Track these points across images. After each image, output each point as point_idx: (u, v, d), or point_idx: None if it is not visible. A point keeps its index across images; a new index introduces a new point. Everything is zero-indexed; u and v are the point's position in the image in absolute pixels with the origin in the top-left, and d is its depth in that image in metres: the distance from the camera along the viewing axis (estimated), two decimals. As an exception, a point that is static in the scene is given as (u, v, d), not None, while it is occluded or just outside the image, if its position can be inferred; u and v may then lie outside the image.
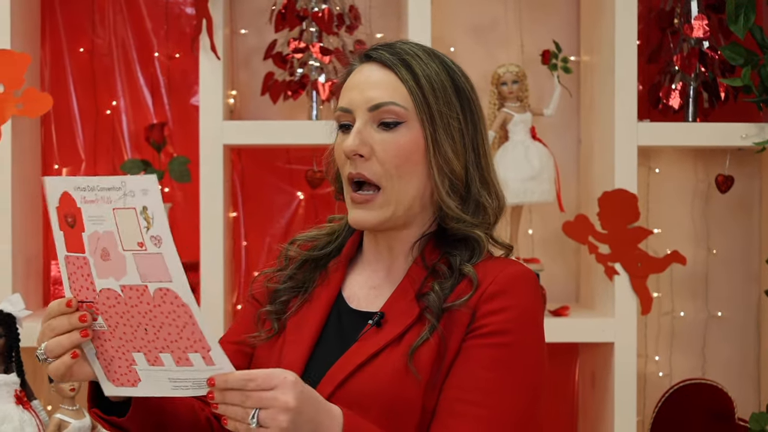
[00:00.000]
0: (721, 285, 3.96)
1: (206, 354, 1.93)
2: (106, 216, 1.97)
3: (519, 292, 2.10)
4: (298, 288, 2.31)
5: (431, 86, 2.16)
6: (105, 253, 1.97)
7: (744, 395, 3.84)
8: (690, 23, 3.65)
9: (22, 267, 3.50)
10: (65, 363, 2.00)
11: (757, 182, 3.94)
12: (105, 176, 2.08)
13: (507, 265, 2.14)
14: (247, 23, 3.87)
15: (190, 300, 1.93)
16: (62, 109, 3.84)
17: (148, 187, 1.94)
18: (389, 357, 2.08)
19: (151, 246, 1.93)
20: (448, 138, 2.15)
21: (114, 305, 1.96)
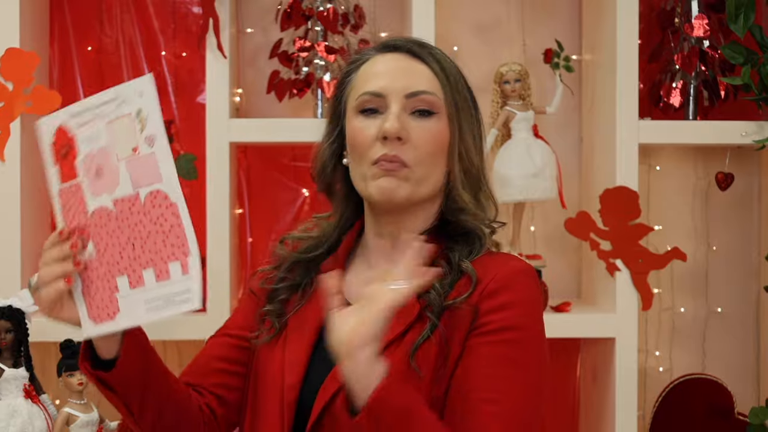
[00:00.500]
0: (720, 281, 3.96)
1: (185, 261, 1.93)
2: (100, 132, 2.01)
3: (521, 287, 2.10)
4: (295, 286, 2.31)
5: (456, 82, 2.20)
6: (99, 170, 1.99)
7: (743, 390, 3.83)
8: (690, 23, 3.64)
9: (30, 263, 3.50)
10: (57, 288, 2.02)
11: (756, 180, 3.93)
12: (99, 93, 2.05)
13: (507, 261, 2.15)
14: (253, 22, 3.87)
15: (178, 198, 1.96)
16: (70, 107, 3.84)
17: (144, 88, 1.96)
18: (391, 356, 2.05)
19: (145, 147, 1.95)
20: (469, 132, 2.20)
21: (105, 224, 1.99)
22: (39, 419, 3.04)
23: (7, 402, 3.03)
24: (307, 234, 2.36)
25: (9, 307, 3.06)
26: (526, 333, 2.07)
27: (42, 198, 3.69)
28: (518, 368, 2.04)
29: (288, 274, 2.33)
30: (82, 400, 3.04)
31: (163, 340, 3.75)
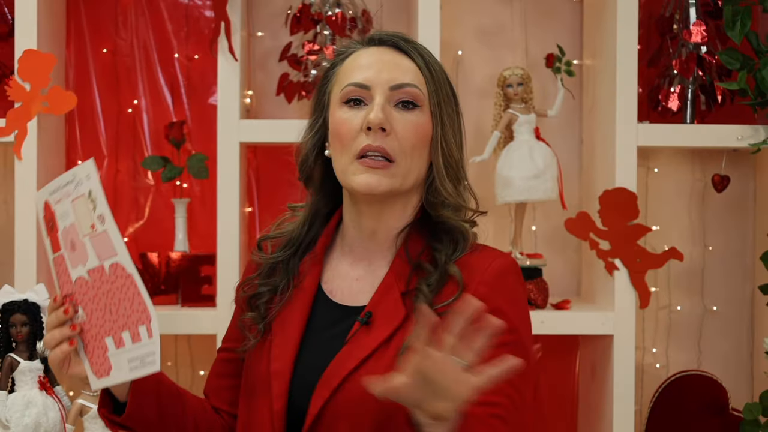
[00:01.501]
0: (716, 280, 3.96)
1: (149, 325, 2.02)
2: (68, 210, 2.12)
3: (509, 289, 2.11)
4: (275, 288, 2.29)
5: (439, 77, 2.20)
6: (72, 245, 2.13)
7: (738, 386, 3.83)
8: (689, 29, 3.64)
9: (45, 259, 3.50)
10: (63, 350, 2.12)
11: (751, 182, 3.93)
12: (64, 173, 2.16)
13: (491, 259, 2.14)
14: (264, 26, 3.87)
15: (132, 270, 2.03)
16: (86, 107, 3.84)
17: (89, 172, 2.07)
18: (380, 360, 2.07)
19: (99, 225, 2.06)
20: (450, 126, 2.19)
21: (86, 292, 2.12)
22: (53, 410, 3.05)
23: (23, 393, 3.03)
24: (281, 232, 2.35)
25: (25, 301, 3.06)
26: (519, 334, 2.07)
27: (58, 195, 3.69)
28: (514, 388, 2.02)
29: (267, 279, 2.31)
30: (95, 392, 3.04)
31: (175, 335, 3.75)
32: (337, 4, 3.63)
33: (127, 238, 3.85)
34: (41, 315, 3.08)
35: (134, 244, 3.84)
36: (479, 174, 3.81)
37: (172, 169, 3.63)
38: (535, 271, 3.56)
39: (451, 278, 2.12)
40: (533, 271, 3.56)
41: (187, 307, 3.52)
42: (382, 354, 2.08)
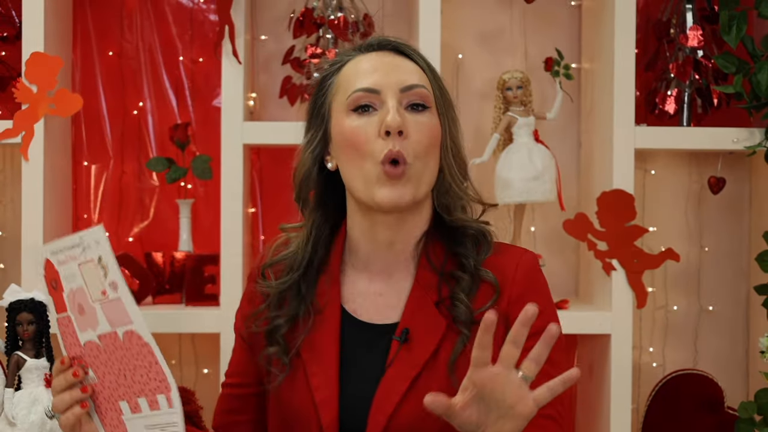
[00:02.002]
0: (712, 281, 3.96)
1: (168, 395, 2.01)
2: (75, 273, 2.08)
3: (539, 285, 2.13)
4: (292, 317, 2.18)
5: (440, 80, 2.18)
6: (81, 309, 2.09)
7: (733, 385, 3.83)
8: (685, 33, 3.64)
9: (52, 258, 3.51)
10: (75, 414, 2.07)
11: (747, 184, 3.93)
12: (68, 235, 2.11)
13: (518, 257, 2.13)
14: (267, 30, 3.87)
15: (149, 339, 2.03)
16: (92, 109, 3.84)
17: (99, 238, 2.03)
18: (431, 377, 2.02)
19: (111, 292, 2.06)
20: (455, 127, 2.17)
21: (97, 356, 2.08)
22: (59, 407, 3.04)
23: (29, 390, 3.03)
24: (283, 256, 2.25)
25: (32, 299, 3.05)
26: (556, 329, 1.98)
27: (63, 196, 3.70)
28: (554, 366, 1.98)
29: (279, 310, 2.20)
30: None
31: (179, 333, 3.75)
32: (339, 8, 3.63)
33: (132, 237, 3.86)
34: (47, 313, 3.07)
35: (139, 244, 3.84)
36: (479, 176, 3.80)
37: (176, 170, 3.63)
38: (534, 272, 3.56)
39: (483, 282, 2.08)
40: (532, 272, 3.56)
41: (191, 306, 3.51)
42: (431, 369, 2.03)
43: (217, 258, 3.51)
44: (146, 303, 3.56)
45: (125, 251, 3.62)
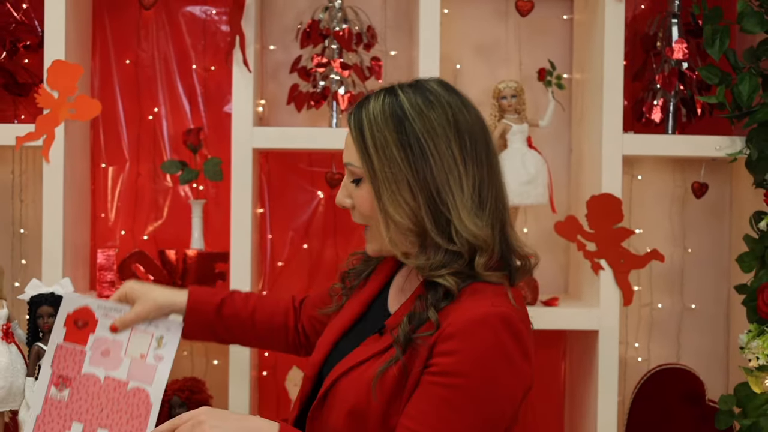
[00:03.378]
0: (695, 280, 3.96)
1: None
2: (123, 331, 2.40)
3: (473, 337, 2.03)
4: (360, 273, 2.45)
5: (375, 148, 2.14)
6: (106, 352, 2.34)
7: (714, 379, 3.83)
8: (671, 46, 3.64)
9: (71, 254, 3.51)
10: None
11: (728, 189, 3.93)
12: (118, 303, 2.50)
13: (474, 308, 2.07)
14: (276, 40, 3.87)
15: (157, 400, 2.24)
16: (109, 114, 3.85)
17: (174, 329, 2.45)
18: (370, 367, 2.13)
19: (152, 360, 2.37)
20: (391, 194, 2.12)
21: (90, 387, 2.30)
22: (77, 395, 3.05)
23: (49, 380, 3.04)
24: None
25: (52, 294, 3.06)
26: (469, 380, 2.01)
27: (82, 195, 3.70)
28: (453, 411, 2.01)
29: (366, 262, 2.47)
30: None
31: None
32: (344, 20, 3.63)
33: (146, 236, 3.86)
34: (67, 307, 3.08)
35: (153, 242, 3.84)
36: (475, 179, 3.82)
37: (189, 172, 3.63)
38: (526, 271, 3.57)
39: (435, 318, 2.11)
40: (524, 270, 3.56)
41: (202, 301, 3.52)
42: (374, 362, 2.14)
43: (227, 255, 3.51)
44: (160, 298, 3.56)
45: (140, 249, 3.62)
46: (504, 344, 2.04)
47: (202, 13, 3.89)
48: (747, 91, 3.44)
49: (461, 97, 2.21)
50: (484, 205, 2.14)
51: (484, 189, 2.15)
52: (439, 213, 2.11)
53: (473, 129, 2.17)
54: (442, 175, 2.11)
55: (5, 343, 3.08)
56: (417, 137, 2.12)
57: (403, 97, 2.17)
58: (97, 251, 3.52)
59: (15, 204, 3.81)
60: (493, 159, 2.19)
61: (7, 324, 3.10)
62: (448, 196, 2.11)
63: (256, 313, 2.69)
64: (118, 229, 3.88)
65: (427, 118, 2.13)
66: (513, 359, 2.06)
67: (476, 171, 2.14)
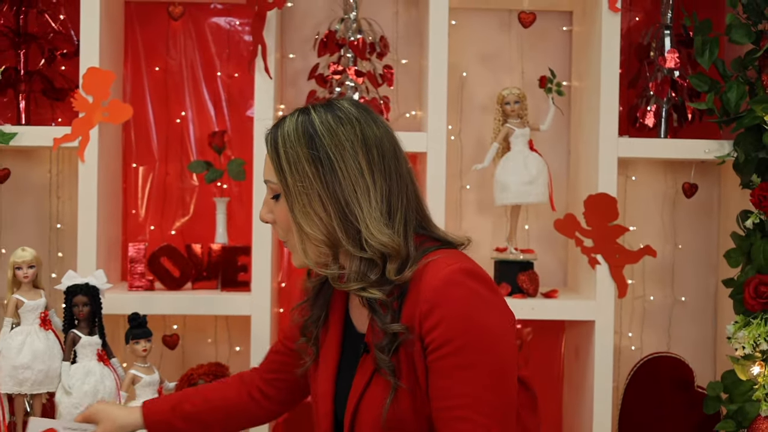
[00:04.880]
0: (685, 274, 3.95)
1: None
2: None
3: (447, 300, 2.04)
4: (318, 315, 2.34)
5: (288, 163, 2.15)
6: None
7: (702, 367, 3.83)
8: (664, 56, 3.64)
9: (104, 248, 3.52)
10: None
11: (717, 189, 3.93)
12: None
13: (434, 277, 2.07)
14: (295, 49, 3.88)
15: None
16: (140, 118, 3.86)
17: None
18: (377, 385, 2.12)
19: None
20: (302, 207, 2.13)
21: None
22: (109, 379, 3.06)
23: (83, 364, 3.05)
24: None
25: (86, 284, 3.07)
26: (464, 338, 2.01)
27: (115, 193, 3.71)
28: (468, 370, 2.01)
29: (314, 302, 2.36)
30: (146, 364, 3.05)
31: (215, 315, 3.77)
32: (358, 31, 3.64)
33: (174, 231, 3.87)
34: (100, 297, 3.09)
35: (180, 236, 3.85)
36: (480, 180, 3.83)
37: (214, 172, 3.64)
38: (528, 265, 3.57)
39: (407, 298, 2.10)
40: (526, 264, 3.57)
41: (225, 292, 3.53)
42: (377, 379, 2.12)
43: (249, 249, 3.52)
44: (186, 288, 3.57)
45: (168, 243, 3.63)
46: (476, 291, 2.05)
47: (226, 23, 3.90)
48: (735, 98, 3.44)
49: (370, 113, 2.21)
50: (394, 215, 2.14)
51: (393, 199, 2.14)
52: (349, 224, 2.11)
53: (381, 142, 2.16)
54: (350, 187, 2.11)
55: (43, 329, 3.10)
56: (326, 152, 2.12)
57: (314, 115, 2.18)
58: (129, 245, 3.53)
59: (52, 201, 3.82)
60: (402, 167, 2.18)
61: (45, 312, 3.11)
62: (356, 207, 2.11)
63: (208, 393, 2.62)
64: (147, 225, 3.89)
65: (335, 135, 2.14)
66: (488, 300, 2.07)
67: (384, 182, 2.13)
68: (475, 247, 2.16)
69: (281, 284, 3.86)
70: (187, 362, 3.83)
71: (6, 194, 3.80)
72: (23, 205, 3.82)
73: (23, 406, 3.13)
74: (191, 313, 3.53)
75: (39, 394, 3.11)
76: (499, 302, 2.10)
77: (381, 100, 3.63)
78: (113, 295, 3.36)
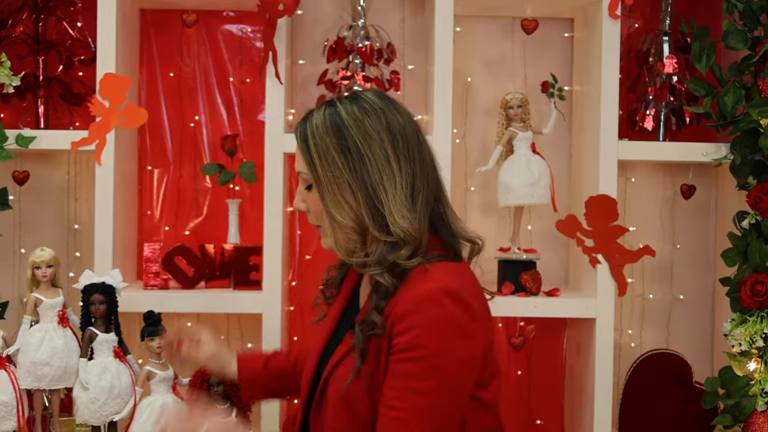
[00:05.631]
0: (683, 273, 3.95)
1: None
2: None
3: (423, 313, 2.06)
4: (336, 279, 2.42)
5: (318, 155, 2.18)
6: None
7: (700, 363, 3.82)
8: (662, 61, 3.64)
9: (120, 248, 3.53)
10: None
11: (714, 191, 3.92)
12: None
13: (420, 287, 2.10)
14: (305, 55, 3.87)
15: None
16: (155, 122, 3.86)
17: None
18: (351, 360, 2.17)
19: None
20: (333, 196, 2.17)
21: None
22: (125, 375, 3.06)
23: (100, 360, 3.05)
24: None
25: (103, 283, 3.08)
26: (425, 351, 2.04)
27: (130, 195, 3.72)
28: (419, 380, 2.04)
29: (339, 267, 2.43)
30: (160, 360, 3.05)
31: (227, 313, 3.76)
32: (366, 38, 3.64)
33: (188, 231, 3.87)
34: (116, 295, 3.09)
35: (194, 237, 3.85)
36: (484, 181, 3.82)
37: (226, 174, 3.64)
38: (531, 264, 3.57)
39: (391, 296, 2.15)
40: (529, 264, 3.56)
41: (237, 290, 3.53)
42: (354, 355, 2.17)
43: (261, 249, 3.52)
44: (200, 287, 3.57)
45: (182, 243, 3.63)
46: (452, 314, 2.07)
47: (238, 31, 3.90)
48: (731, 102, 3.43)
49: (393, 102, 2.26)
50: (417, 197, 2.18)
51: (417, 181, 2.18)
52: (375, 209, 2.15)
53: (405, 129, 2.20)
54: (377, 174, 2.15)
55: (61, 327, 3.10)
56: (354, 142, 2.16)
57: (341, 107, 2.21)
58: (144, 245, 3.54)
59: (70, 202, 3.83)
60: (425, 153, 2.23)
61: (63, 310, 3.12)
62: (382, 193, 2.14)
63: (298, 362, 2.66)
64: (162, 225, 3.89)
65: (362, 124, 2.17)
66: (463, 326, 2.08)
67: (408, 166, 2.17)
68: (480, 247, 2.19)
69: (292, 283, 3.86)
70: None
71: (26, 196, 3.81)
72: (42, 207, 3.82)
73: (42, 401, 3.13)
74: (204, 311, 3.53)
75: (57, 390, 3.11)
76: (473, 329, 2.11)
77: (388, 105, 3.63)
78: (129, 294, 3.36)
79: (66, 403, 3.17)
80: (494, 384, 2.21)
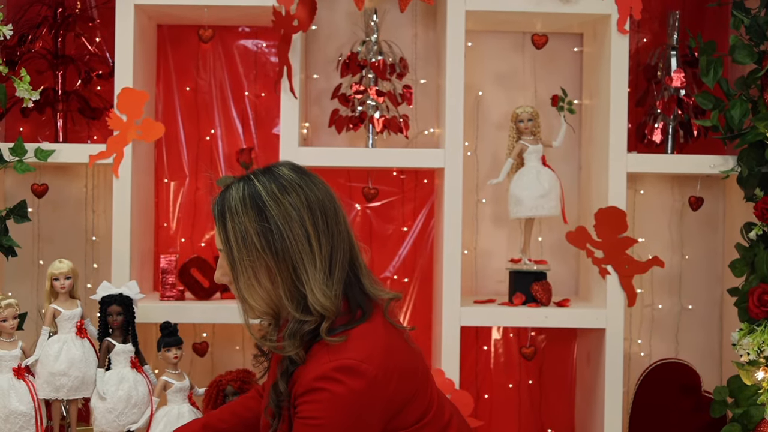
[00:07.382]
0: (691, 284, 3.93)
1: None
2: None
3: (320, 392, 2.10)
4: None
5: (236, 237, 2.18)
6: None
7: (709, 372, 3.80)
8: (670, 75, 3.62)
9: (137, 260, 3.52)
10: None
11: (722, 203, 3.90)
12: None
13: (316, 367, 2.13)
14: (319, 70, 3.87)
15: None
16: (172, 135, 3.85)
17: None
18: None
19: None
20: (247, 279, 2.19)
21: None
22: (142, 385, 3.05)
23: (117, 371, 3.04)
24: None
25: (120, 294, 3.07)
26: (325, 421, 2.09)
27: (147, 207, 3.71)
28: None
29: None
30: (177, 371, 3.04)
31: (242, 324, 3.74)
32: (379, 53, 3.63)
33: (204, 243, 3.86)
34: (133, 306, 3.08)
35: (210, 248, 3.84)
36: (495, 194, 3.81)
37: (241, 187, 3.63)
38: (541, 275, 3.55)
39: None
40: (539, 275, 3.54)
41: (252, 301, 3.51)
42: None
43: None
44: (215, 298, 3.56)
45: (198, 254, 3.62)
46: (346, 390, 2.11)
47: (253, 46, 3.89)
48: (738, 116, 3.42)
49: (309, 175, 2.26)
50: (334, 270, 2.19)
51: (335, 254, 2.20)
52: (296, 289, 2.16)
53: (323, 203, 2.22)
54: (297, 255, 2.15)
55: (79, 338, 3.09)
56: (276, 223, 2.16)
57: (259, 186, 2.20)
58: (160, 257, 3.53)
59: (88, 214, 3.82)
60: (341, 223, 2.24)
61: (81, 321, 3.11)
62: (303, 273, 2.15)
63: (233, 408, 2.68)
64: (178, 237, 3.88)
65: (282, 204, 2.17)
66: (353, 400, 2.12)
67: (327, 242, 2.19)
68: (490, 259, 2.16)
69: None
70: (216, 369, 3.81)
71: (44, 208, 3.80)
72: (61, 219, 3.82)
73: (60, 411, 3.12)
74: (220, 321, 3.51)
75: (75, 400, 3.10)
76: (366, 400, 2.14)
77: (401, 118, 3.62)
78: (146, 305, 3.35)
79: (84, 412, 3.16)
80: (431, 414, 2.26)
